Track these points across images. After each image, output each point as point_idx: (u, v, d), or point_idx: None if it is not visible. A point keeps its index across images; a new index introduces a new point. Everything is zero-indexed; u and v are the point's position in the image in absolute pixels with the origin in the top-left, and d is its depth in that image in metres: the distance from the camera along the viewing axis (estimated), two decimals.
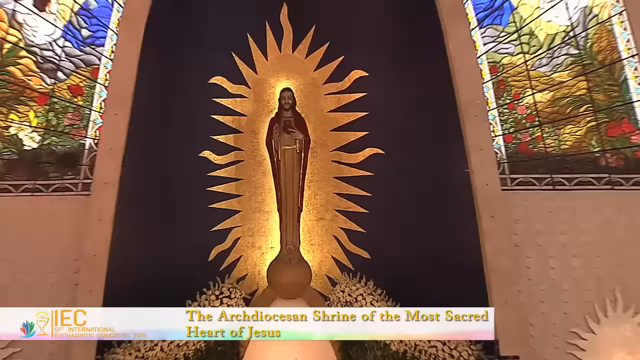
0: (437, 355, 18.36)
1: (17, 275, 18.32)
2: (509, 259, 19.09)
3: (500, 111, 20.44)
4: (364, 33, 20.13)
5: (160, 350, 18.20)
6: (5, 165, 19.34)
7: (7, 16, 19.68)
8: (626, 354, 18.52)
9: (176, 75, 19.70)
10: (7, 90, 19.55)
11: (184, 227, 19.26)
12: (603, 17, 20.40)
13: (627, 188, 19.70)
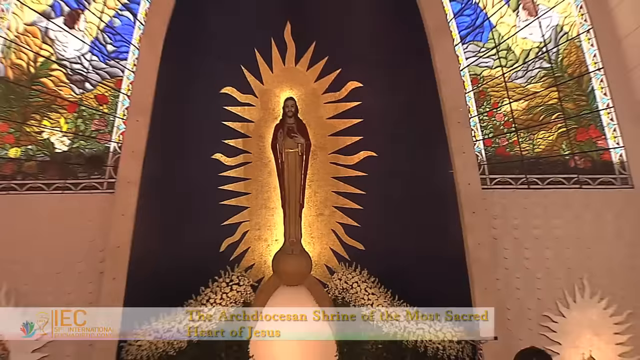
0: (423, 336, 18.51)
1: (50, 264, 18.50)
2: (488, 250, 19.32)
3: (481, 118, 20.58)
4: (359, 48, 20.26)
5: (176, 331, 18.32)
6: (38, 166, 19.57)
7: (40, 33, 19.88)
8: (593, 335, 18.75)
9: (191, 85, 19.84)
10: (40, 99, 19.75)
11: (198, 222, 19.42)
12: (572, 35, 20.64)
13: (594, 187, 19.96)
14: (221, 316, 18.79)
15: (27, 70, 19.94)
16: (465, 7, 20.92)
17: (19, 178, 19.52)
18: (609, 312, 19.00)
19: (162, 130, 19.62)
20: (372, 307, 19.00)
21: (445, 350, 18.59)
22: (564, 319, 19.07)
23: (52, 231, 18.75)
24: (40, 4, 20.02)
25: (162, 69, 19.74)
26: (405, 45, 20.37)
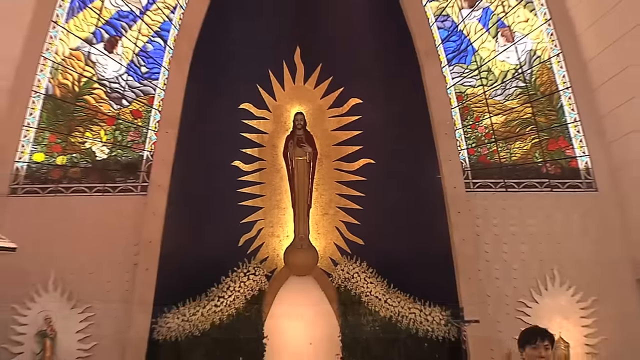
0: (415, 319, 18.83)
1: (91, 256, 18.82)
2: (471, 245, 19.56)
3: (465, 130, 20.76)
4: (359, 69, 20.42)
5: (200, 315, 18.69)
6: (81, 172, 19.96)
7: (83, 57, 20.29)
8: (562, 318, 18.95)
9: (213, 102, 20.07)
10: (83, 114, 20.16)
11: (219, 220, 19.60)
12: (544, 58, 20.88)
13: (563, 190, 20.25)
14: (239, 301, 19.14)
15: (72, 89, 20.33)
16: (451, 34, 21.15)
17: (65, 182, 19.90)
18: (576, 298, 19.25)
19: (189, 141, 19.88)
20: (371, 294, 19.23)
21: (434, 332, 18.80)
22: (537, 305, 19.31)
23: (93, 228, 19.12)
24: (84, 31, 20.40)
25: (188, 88, 20.06)
26: (399, 67, 20.57)
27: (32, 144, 20.09)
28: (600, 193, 20.15)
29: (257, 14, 20.57)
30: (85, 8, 20.63)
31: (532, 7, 21.27)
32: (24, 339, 18.50)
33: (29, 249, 17.43)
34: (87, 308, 18.82)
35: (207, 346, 18.67)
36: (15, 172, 19.85)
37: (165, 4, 20.93)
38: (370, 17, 20.96)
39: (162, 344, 18.72)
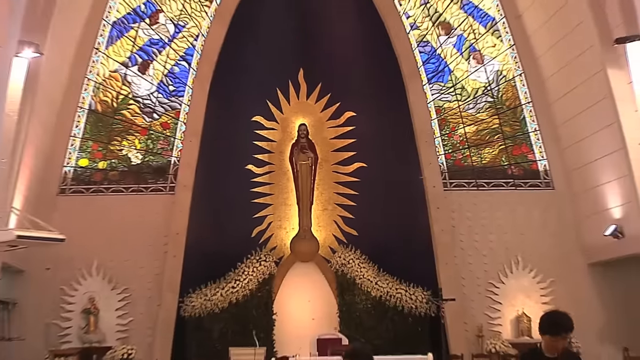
0: (401, 298, 19.25)
1: (128, 246, 19.22)
2: (448, 235, 19.94)
3: (442, 138, 20.96)
4: (353, 87, 20.67)
5: (220, 295, 19.08)
6: (119, 175, 20.38)
7: (121, 77, 20.60)
8: (525, 297, 19.43)
9: (230, 115, 20.28)
10: (121, 126, 20.56)
11: (235, 215, 19.93)
12: (509, 77, 21.07)
13: (525, 189, 20.57)
14: (252, 284, 19.42)
15: (111, 104, 20.65)
16: (431, 57, 21.22)
17: (105, 184, 20.29)
18: (536, 280, 19.64)
19: (209, 148, 20.15)
20: (364, 277, 19.54)
21: (417, 309, 19.23)
22: (503, 285, 19.70)
23: (129, 222, 19.49)
24: (121, 56, 20.68)
25: (209, 103, 20.27)
26: (387, 85, 20.77)
27: (77, 151, 20.37)
28: (557, 191, 20.42)
29: (267, 41, 20.52)
30: (122, 37, 20.79)
31: (498, 34, 21.29)
32: (71, 316, 19.00)
33: (75, 240, 17.29)
34: (125, 289, 19.28)
35: (225, 321, 19.08)
36: (64, 175, 20.11)
37: (189, 33, 21.02)
38: (363, 43, 21.05)
39: (188, 319, 19.15)
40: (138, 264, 19.51)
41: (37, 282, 18.92)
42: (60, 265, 18.79)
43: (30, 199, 18.12)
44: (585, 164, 19.34)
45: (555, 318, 6.17)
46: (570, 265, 19.77)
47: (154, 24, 21.08)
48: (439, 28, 21.45)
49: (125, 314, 19.33)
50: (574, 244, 19.86)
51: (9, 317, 18.00)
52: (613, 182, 18.15)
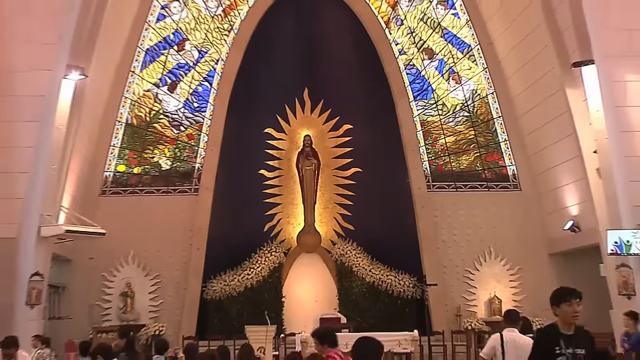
0: (391, 283, 19.47)
1: (159, 239, 19.43)
2: (431, 230, 20.16)
3: (426, 147, 21.08)
4: (350, 104, 20.80)
5: (237, 281, 19.27)
6: (151, 178, 20.63)
7: (153, 96, 20.81)
8: (496, 282, 19.67)
9: (246, 127, 20.42)
10: (153, 137, 20.78)
11: (250, 212, 20.08)
12: (482, 95, 21.19)
13: (497, 190, 20.80)
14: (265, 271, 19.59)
15: (145, 119, 20.86)
16: (416, 78, 21.28)
17: (140, 186, 20.51)
18: (506, 268, 19.85)
19: (228, 155, 20.26)
20: (359, 265, 19.71)
21: (405, 292, 19.48)
22: (478, 272, 19.94)
23: (160, 219, 19.67)
24: (153, 78, 20.83)
25: (227, 118, 20.46)
26: (379, 101, 20.92)
27: (116, 158, 20.56)
28: (523, 192, 20.60)
29: (276, 64, 20.59)
30: (154, 61, 20.88)
31: (473, 59, 21.31)
32: (111, 298, 19.24)
33: (114, 234, 17.72)
34: (156, 276, 19.51)
35: (241, 303, 19.30)
36: (104, 179, 20.29)
37: (211, 58, 21.04)
38: (358, 66, 21.17)
39: (210, 301, 19.41)
40: (168, 254, 19.71)
41: (82, 269, 19.10)
42: (101, 255, 18.92)
43: (77, 199, 18.34)
44: (547, 169, 19.49)
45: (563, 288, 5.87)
46: (535, 255, 19.90)
47: (181, 50, 21.12)
48: (423, 53, 21.47)
49: (157, 297, 19.55)
50: (538, 237, 19.98)
51: (59, 299, 18.31)
52: (571, 184, 18.30)
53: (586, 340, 5.61)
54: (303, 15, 21.06)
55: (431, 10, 21.47)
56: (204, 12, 21.16)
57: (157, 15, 20.93)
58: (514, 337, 7.99)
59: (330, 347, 7.51)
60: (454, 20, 21.46)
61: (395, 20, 21.45)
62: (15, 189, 14.51)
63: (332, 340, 7.59)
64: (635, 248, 14.90)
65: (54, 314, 17.79)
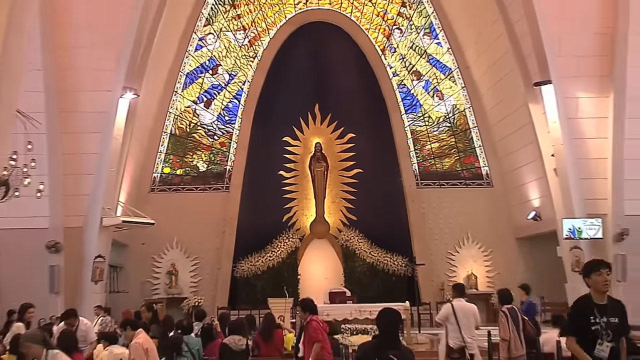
0: (387, 263, 19.55)
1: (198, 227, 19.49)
2: (420, 219, 20.23)
3: (415, 152, 21.07)
4: (353, 117, 20.67)
5: (261, 262, 19.41)
6: (191, 179, 20.77)
7: (192, 111, 20.91)
8: (473, 262, 19.77)
9: (267, 136, 20.47)
10: (192, 144, 20.90)
11: (271, 206, 20.12)
12: (461, 109, 21.13)
13: (473, 187, 20.81)
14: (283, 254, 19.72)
15: (185, 130, 20.99)
16: (407, 96, 21.23)
17: (181, 184, 20.68)
18: (481, 250, 19.93)
19: (253, 159, 20.39)
20: (361, 249, 19.80)
21: (398, 271, 19.56)
22: (458, 254, 20.02)
23: (198, 211, 19.77)
24: (192, 96, 20.94)
25: (253, 128, 20.57)
26: (376, 115, 20.87)
27: (162, 162, 20.73)
28: (495, 188, 20.62)
29: (292, 84, 20.52)
30: (193, 83, 20.97)
31: (453, 79, 21.21)
32: (159, 276, 19.50)
33: (161, 224, 17.91)
34: (195, 258, 19.69)
35: (265, 280, 19.36)
36: (153, 179, 20.49)
37: (239, 80, 21.08)
38: (359, 85, 21.06)
39: (239, 278, 19.57)
40: (204, 240, 19.80)
41: (135, 253, 19.31)
42: (151, 241, 19.03)
43: (131, 195, 18.60)
44: (514, 169, 19.53)
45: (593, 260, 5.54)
46: (504, 240, 19.93)
47: (215, 73, 21.18)
48: (412, 75, 21.46)
49: (196, 275, 19.72)
50: (506, 225, 19.98)
51: (117, 277, 18.49)
52: (533, 181, 18.36)
53: (618, 309, 5.27)
54: (314, 44, 21.03)
55: (419, 40, 21.45)
56: (234, 42, 21.22)
57: (195, 46, 21.00)
58: (461, 305, 8.97)
59: (311, 314, 7.86)
60: (438, 48, 21.40)
61: (390, 48, 21.44)
62: (83, 187, 14.89)
63: (312, 309, 7.98)
64: (586, 233, 15.32)
65: (114, 289, 17.97)
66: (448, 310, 9.00)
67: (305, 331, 7.89)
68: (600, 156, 15.31)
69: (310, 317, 7.81)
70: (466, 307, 9.04)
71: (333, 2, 21.38)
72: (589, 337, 5.15)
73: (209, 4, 20.95)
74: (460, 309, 8.95)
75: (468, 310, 9.02)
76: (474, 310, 9.20)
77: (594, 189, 15.45)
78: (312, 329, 7.69)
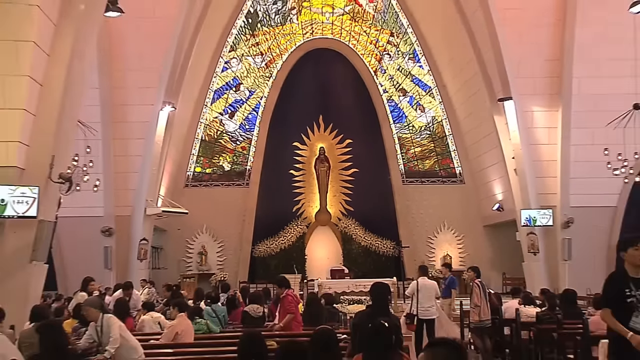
0: (378, 246, 19.69)
1: (223, 216, 19.56)
2: (405, 209, 20.28)
3: (402, 155, 21.02)
4: (351, 125, 20.59)
5: (275, 244, 19.53)
6: (217, 176, 20.72)
7: (218, 121, 20.78)
8: (448, 245, 19.85)
9: (280, 141, 20.47)
10: (219, 148, 20.90)
11: (283, 199, 20.14)
12: (439, 120, 21.03)
13: (448, 184, 20.79)
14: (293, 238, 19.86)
15: (213, 136, 21.00)
16: (395, 109, 21.15)
17: (210, 181, 20.70)
18: (454, 235, 20.03)
19: (269, 160, 20.46)
20: (357, 234, 19.90)
21: (387, 252, 19.70)
22: (436, 239, 20.10)
23: (223, 203, 19.83)
24: (219, 109, 20.96)
25: (268, 135, 20.65)
26: (370, 124, 20.83)
27: (194, 163, 20.75)
28: (466, 185, 20.62)
29: (301, 99, 20.46)
30: (220, 98, 20.95)
31: (433, 95, 21.07)
32: (191, 256, 19.63)
33: (194, 213, 18.16)
34: (221, 241, 19.83)
35: (278, 259, 19.39)
36: (187, 177, 20.53)
37: (257, 95, 21.04)
38: (356, 100, 20.97)
39: (257, 258, 19.68)
40: (228, 227, 19.85)
41: (173, 236, 19.44)
42: (185, 227, 19.18)
43: (169, 189, 18.78)
44: (482, 169, 19.56)
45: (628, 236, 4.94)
46: (474, 227, 19.97)
47: (237, 90, 21.16)
48: (399, 92, 21.42)
49: (222, 255, 19.85)
50: (476, 215, 20.00)
51: (158, 256, 18.67)
52: (497, 179, 18.44)
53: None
54: (319, 66, 21.01)
55: (404, 63, 21.41)
56: (253, 65, 21.26)
57: (222, 68, 21.02)
58: (424, 282, 9.65)
59: (286, 289, 7.91)
60: (420, 70, 21.36)
61: (380, 70, 21.44)
62: (130, 183, 15.20)
63: (287, 284, 8.06)
64: (539, 222, 15.62)
65: (155, 266, 18.12)
66: (414, 286, 9.67)
67: (281, 303, 7.91)
68: (551, 159, 15.61)
69: (286, 292, 7.85)
70: (428, 284, 9.73)
71: (334, 32, 21.37)
72: (624, 310, 4.62)
73: (233, 34, 20.93)
74: (423, 285, 9.59)
75: (430, 286, 9.70)
76: (435, 286, 9.96)
77: (546, 186, 15.74)
78: (287, 302, 7.75)
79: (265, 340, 4.15)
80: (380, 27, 21.38)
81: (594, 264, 14.87)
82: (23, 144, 8.80)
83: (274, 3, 21.13)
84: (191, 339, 6.97)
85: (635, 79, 12.69)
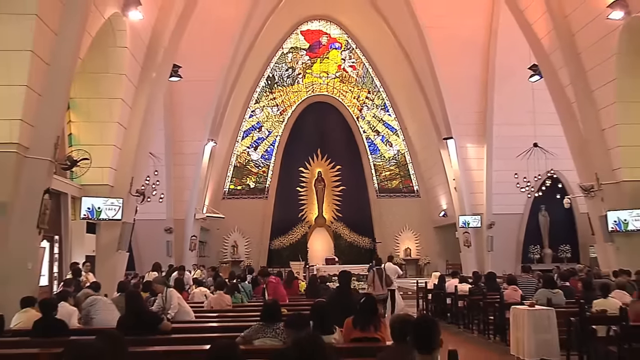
0: (359, 242, 19.53)
1: (248, 220, 19.36)
2: (379, 216, 20.11)
3: (377, 177, 20.76)
4: (341, 155, 20.46)
5: (285, 240, 19.36)
6: (245, 192, 20.43)
7: (246, 153, 20.62)
8: (408, 241, 19.83)
9: (290, 167, 20.35)
10: (246, 172, 20.61)
11: (292, 207, 20.03)
12: (402, 152, 20.93)
13: (409, 198, 20.56)
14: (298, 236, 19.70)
15: (242, 164, 20.77)
16: (371, 144, 20.99)
17: (240, 195, 20.45)
18: (414, 234, 19.85)
19: (282, 181, 20.31)
20: (345, 233, 19.81)
21: (366, 246, 19.58)
22: (400, 237, 19.92)
23: (249, 211, 19.66)
24: (247, 144, 20.82)
25: (282, 163, 20.50)
26: (354, 156, 20.74)
27: (229, 182, 20.57)
28: (422, 199, 20.53)
29: (305, 136, 20.42)
30: (247, 136, 20.83)
31: (398, 134, 20.92)
32: (227, 248, 19.45)
33: (228, 218, 18.15)
34: (248, 238, 19.64)
35: (288, 251, 19.22)
36: (224, 192, 20.35)
37: (273, 135, 20.90)
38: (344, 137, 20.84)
39: (273, 250, 19.55)
40: (253, 228, 19.68)
41: (214, 234, 19.27)
42: (222, 227, 19.05)
43: (212, 201, 18.68)
44: (432, 187, 19.66)
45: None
46: (426, 228, 19.90)
47: (260, 131, 20.95)
48: (374, 132, 21.30)
49: (248, 247, 19.66)
50: (428, 220, 19.91)
51: (204, 247, 18.46)
52: (442, 194, 18.54)
53: None
54: (318, 114, 20.93)
55: (378, 112, 21.36)
56: (271, 113, 21.18)
57: (249, 114, 20.95)
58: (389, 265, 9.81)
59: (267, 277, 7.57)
60: (388, 117, 21.26)
61: (361, 117, 21.38)
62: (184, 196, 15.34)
63: (268, 274, 7.82)
64: (472, 224, 15.83)
65: (202, 254, 17.89)
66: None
67: (267, 287, 7.59)
68: (479, 180, 15.92)
69: (268, 280, 7.55)
70: (392, 267, 10.01)
71: (329, 90, 21.46)
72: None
73: (257, 91, 20.99)
74: (388, 267, 9.74)
75: (393, 268, 9.97)
76: (397, 269, 10.28)
77: (476, 199, 16.00)
78: (272, 286, 7.42)
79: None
80: (360, 87, 21.49)
81: (507, 253, 15.46)
82: (112, 169, 9.25)
83: (286, 70, 21.26)
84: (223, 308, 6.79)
85: (534, 126, 13.21)
